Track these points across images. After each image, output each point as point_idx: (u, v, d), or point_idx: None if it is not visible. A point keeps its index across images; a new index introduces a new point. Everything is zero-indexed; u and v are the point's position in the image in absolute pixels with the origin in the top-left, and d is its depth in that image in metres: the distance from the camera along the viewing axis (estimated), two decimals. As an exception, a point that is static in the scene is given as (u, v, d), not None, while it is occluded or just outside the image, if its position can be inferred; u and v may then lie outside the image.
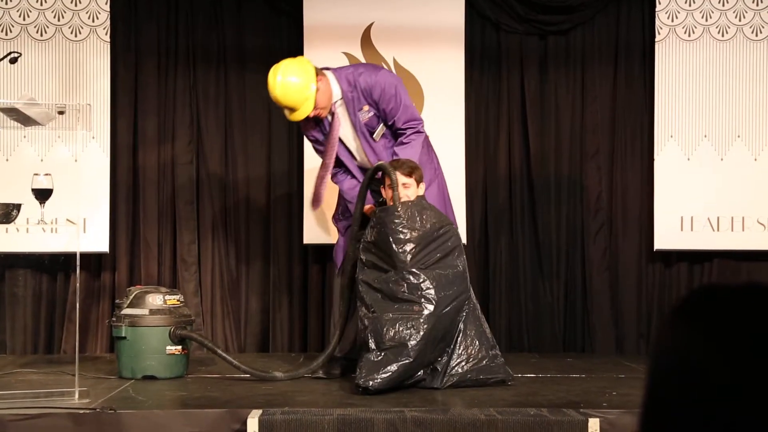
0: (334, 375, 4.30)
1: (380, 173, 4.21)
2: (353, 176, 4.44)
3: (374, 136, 4.35)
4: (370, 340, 3.89)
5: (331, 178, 4.51)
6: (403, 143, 4.33)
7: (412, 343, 3.85)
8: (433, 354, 3.98)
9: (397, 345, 3.85)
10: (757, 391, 0.88)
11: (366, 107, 4.31)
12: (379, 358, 3.85)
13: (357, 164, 4.44)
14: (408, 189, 4.11)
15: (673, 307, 0.98)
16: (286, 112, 4.31)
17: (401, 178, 4.10)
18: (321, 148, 4.44)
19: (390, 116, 4.32)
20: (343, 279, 4.37)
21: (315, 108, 4.24)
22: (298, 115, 4.27)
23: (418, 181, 4.15)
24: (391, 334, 3.88)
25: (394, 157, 4.28)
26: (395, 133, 4.38)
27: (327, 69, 4.35)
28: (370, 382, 3.78)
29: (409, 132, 4.33)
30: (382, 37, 5.35)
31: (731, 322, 0.92)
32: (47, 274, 5.37)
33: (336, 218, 4.66)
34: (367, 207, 4.33)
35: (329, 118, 4.35)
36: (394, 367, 3.82)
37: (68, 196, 4.48)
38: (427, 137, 4.48)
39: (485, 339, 4.13)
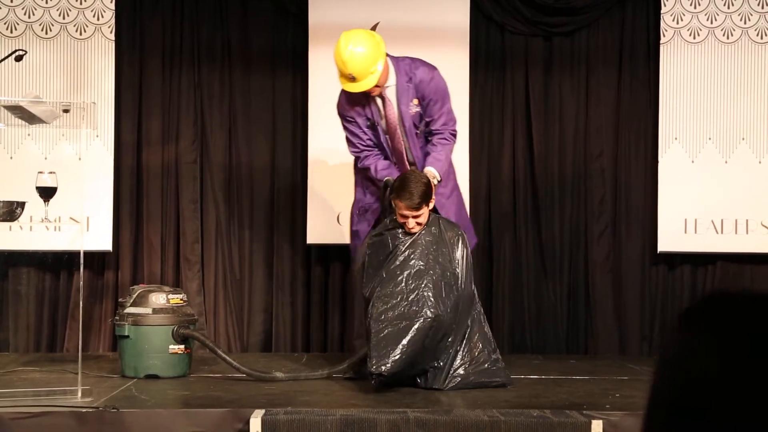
0: (364, 375, 4.10)
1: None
2: (386, 157, 4.38)
3: (418, 131, 4.35)
4: (373, 324, 3.89)
5: (358, 162, 4.45)
6: (438, 143, 4.28)
7: (417, 322, 3.86)
8: (439, 341, 3.97)
9: (400, 323, 3.86)
10: (761, 398, 0.88)
11: (416, 101, 4.30)
12: (385, 338, 3.83)
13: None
14: (419, 217, 4.08)
15: (679, 313, 0.98)
16: (343, 81, 4.24)
17: (411, 213, 4.04)
18: (355, 130, 4.36)
19: (430, 114, 4.30)
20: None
21: (375, 85, 4.20)
22: (359, 87, 4.19)
23: (429, 202, 4.10)
24: (395, 312, 3.89)
25: (428, 159, 4.24)
26: (428, 133, 4.35)
27: (388, 54, 4.32)
28: (383, 367, 3.76)
29: (445, 132, 4.31)
30: (387, 38, 5.29)
31: (737, 329, 0.92)
32: (50, 272, 5.37)
33: (357, 214, 4.56)
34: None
35: (379, 102, 4.33)
36: (404, 343, 3.81)
37: (72, 195, 4.47)
38: None
39: (488, 343, 4.14)
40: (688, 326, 0.96)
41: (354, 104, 4.34)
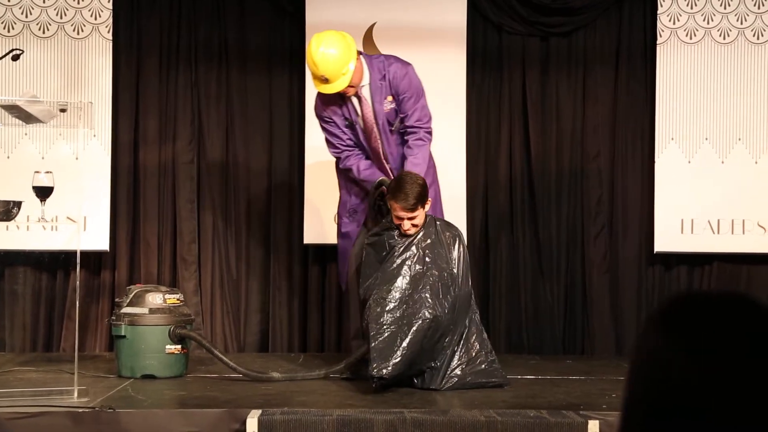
0: (362, 376, 4.13)
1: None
2: (367, 157, 4.40)
3: (392, 128, 4.36)
4: (372, 326, 3.89)
5: (339, 163, 4.46)
6: (414, 146, 4.28)
7: (416, 323, 3.87)
8: (436, 342, 3.97)
9: (399, 326, 3.87)
10: (729, 397, 0.90)
11: (390, 98, 4.32)
12: (385, 341, 3.83)
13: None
14: (415, 219, 4.08)
15: (650, 315, 1.01)
16: (316, 83, 4.27)
17: (406, 214, 4.04)
18: (334, 131, 4.38)
19: (404, 109, 4.31)
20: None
21: (348, 85, 4.22)
22: (332, 88, 4.22)
23: (424, 204, 4.10)
24: (393, 315, 3.89)
25: (406, 164, 4.24)
26: (403, 131, 4.36)
27: (361, 53, 4.36)
28: (384, 371, 3.77)
29: (420, 132, 4.32)
30: (384, 38, 5.35)
31: (705, 330, 0.94)
32: (47, 271, 5.37)
33: (346, 216, 4.56)
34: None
35: (354, 101, 4.35)
36: (404, 346, 3.81)
37: (69, 194, 4.47)
38: None
39: (485, 343, 4.15)
40: (657, 328, 0.98)
41: (330, 105, 4.37)
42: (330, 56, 4.17)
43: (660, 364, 0.95)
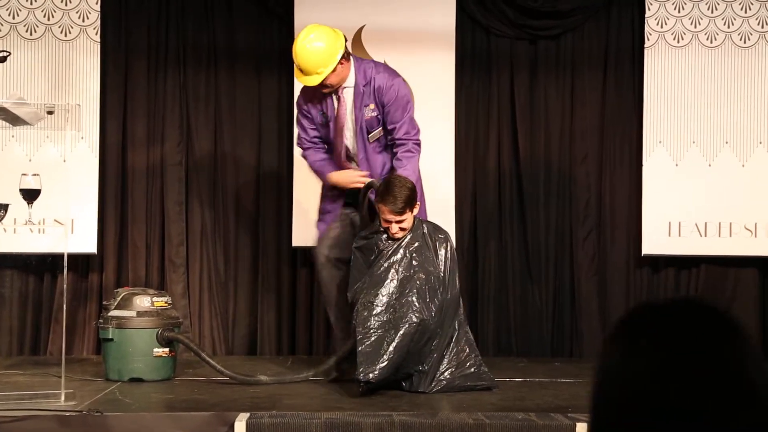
0: (348, 372, 4.12)
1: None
2: (326, 151, 4.45)
3: (369, 136, 4.36)
4: (359, 330, 3.89)
5: (303, 151, 4.53)
6: (403, 157, 4.28)
7: (403, 327, 3.87)
8: (423, 345, 3.97)
9: (386, 330, 3.87)
10: (687, 403, 0.94)
11: (372, 105, 4.32)
12: (372, 345, 3.84)
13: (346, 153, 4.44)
14: (403, 222, 4.09)
15: (613, 325, 1.05)
16: (297, 72, 4.31)
17: (394, 217, 4.05)
18: (305, 123, 4.44)
19: (391, 122, 4.31)
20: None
21: (323, 83, 4.23)
22: (304, 80, 4.26)
23: (413, 207, 4.10)
24: (381, 319, 3.90)
25: (394, 172, 4.25)
26: (392, 143, 4.36)
27: (352, 55, 4.37)
28: (370, 375, 3.78)
29: (409, 144, 4.32)
30: (373, 40, 5.35)
31: (666, 337, 0.98)
32: (34, 274, 5.35)
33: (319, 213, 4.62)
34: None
35: (334, 101, 4.35)
36: (390, 350, 3.82)
37: (56, 197, 4.45)
38: None
39: (473, 347, 4.16)
40: (619, 338, 1.02)
41: (312, 97, 4.39)
42: (310, 50, 4.20)
43: (619, 372, 1.00)
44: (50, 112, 3.79)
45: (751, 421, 0.94)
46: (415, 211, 4.13)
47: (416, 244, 4.10)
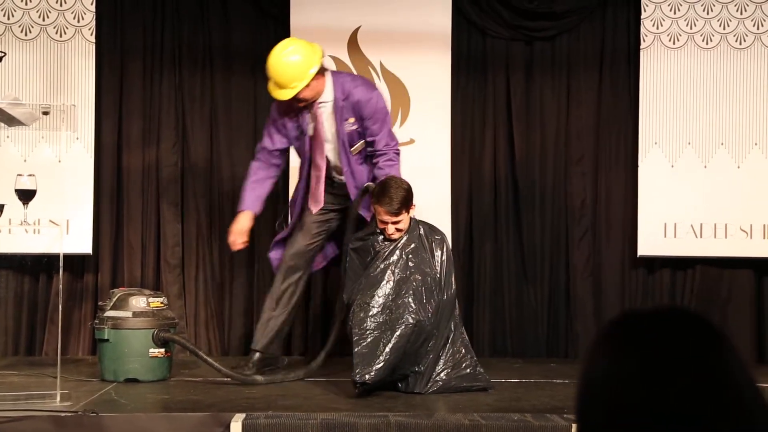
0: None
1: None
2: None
3: (352, 150, 4.39)
4: (355, 331, 3.90)
5: (256, 160, 4.57)
6: (385, 166, 4.32)
7: (399, 328, 3.87)
8: (419, 346, 3.98)
9: (382, 331, 3.87)
10: (672, 409, 0.95)
11: (352, 119, 4.34)
12: (368, 346, 3.84)
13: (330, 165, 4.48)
14: (399, 224, 4.09)
15: (598, 333, 1.07)
16: (270, 85, 4.32)
17: (390, 218, 4.06)
18: (273, 133, 4.48)
19: (371, 135, 4.35)
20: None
21: (296, 97, 4.25)
22: (275, 93, 4.29)
23: (409, 208, 4.11)
24: (377, 320, 3.90)
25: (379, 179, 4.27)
26: (372, 154, 4.40)
27: (328, 70, 4.39)
28: (366, 376, 3.79)
29: (390, 153, 4.36)
30: (369, 41, 5.35)
31: (649, 345, 1.00)
32: (29, 275, 5.34)
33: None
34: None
35: (309, 118, 4.35)
36: (386, 351, 3.82)
37: (52, 197, 4.45)
38: None
39: (469, 348, 4.16)
40: (604, 345, 1.04)
41: (286, 110, 4.40)
42: (286, 63, 4.22)
43: (605, 378, 1.01)
44: (45, 113, 3.79)
45: (737, 427, 0.95)
46: (412, 211, 4.14)
47: (412, 246, 4.10)
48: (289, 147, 4.56)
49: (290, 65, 4.21)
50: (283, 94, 4.25)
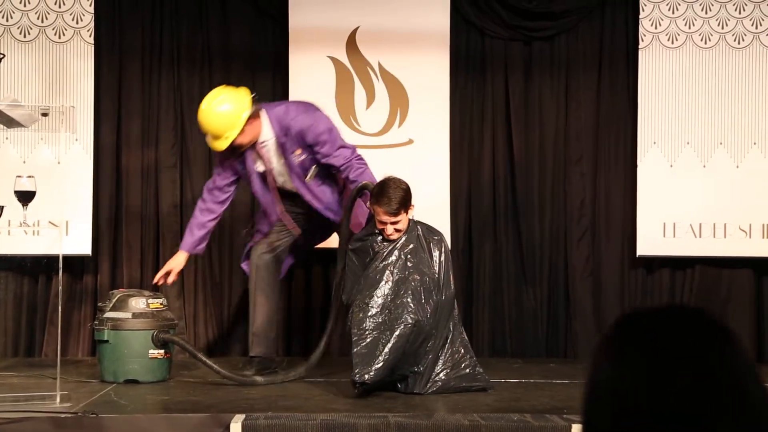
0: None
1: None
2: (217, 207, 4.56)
3: (306, 179, 4.38)
4: (354, 331, 3.90)
5: (206, 191, 4.58)
6: (357, 177, 4.29)
7: (398, 329, 3.88)
8: (418, 346, 3.98)
9: (381, 331, 3.88)
10: (677, 409, 0.95)
11: (298, 150, 4.34)
12: (367, 347, 3.85)
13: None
14: (398, 224, 4.09)
15: (602, 335, 1.07)
16: (207, 138, 4.36)
17: (389, 218, 4.06)
18: (229, 175, 4.51)
19: (325, 156, 4.33)
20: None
21: (233, 144, 4.26)
22: (216, 145, 4.31)
23: (407, 209, 4.11)
24: (376, 320, 3.90)
25: (357, 186, 4.25)
26: (336, 171, 4.39)
27: (261, 108, 4.35)
28: (366, 376, 3.79)
29: (353, 162, 4.33)
30: (368, 42, 5.36)
31: (653, 346, 0.99)
32: (29, 276, 5.33)
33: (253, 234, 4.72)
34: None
35: (254, 159, 4.40)
36: (385, 351, 3.83)
37: (51, 199, 4.45)
38: None
39: (469, 348, 4.16)
40: (608, 346, 1.04)
41: (228, 154, 4.39)
42: (216, 114, 4.24)
43: (609, 380, 1.01)
44: (44, 114, 3.79)
45: (738, 427, 0.95)
46: (411, 212, 4.14)
47: (411, 246, 4.10)
48: (239, 177, 4.55)
49: (221, 115, 4.22)
50: (220, 145, 4.28)
